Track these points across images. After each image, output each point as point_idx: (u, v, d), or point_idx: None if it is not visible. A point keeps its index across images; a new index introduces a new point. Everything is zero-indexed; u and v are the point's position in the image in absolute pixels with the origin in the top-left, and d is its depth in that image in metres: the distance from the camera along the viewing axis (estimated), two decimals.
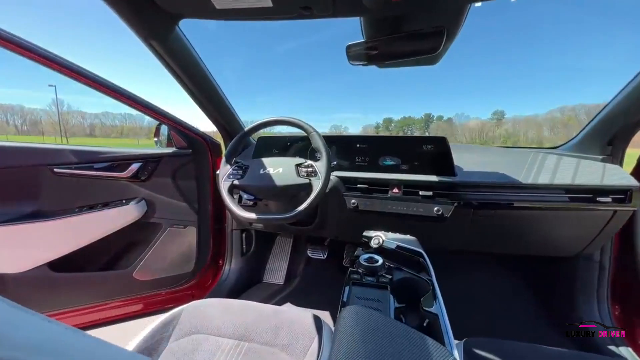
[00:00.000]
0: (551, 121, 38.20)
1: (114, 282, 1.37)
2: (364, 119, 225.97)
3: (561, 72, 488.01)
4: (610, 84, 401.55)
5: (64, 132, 46.26)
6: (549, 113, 44.43)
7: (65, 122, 50.21)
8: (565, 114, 36.24)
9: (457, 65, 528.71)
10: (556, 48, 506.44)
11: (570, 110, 36.95)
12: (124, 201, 1.33)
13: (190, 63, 1.05)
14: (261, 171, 1.01)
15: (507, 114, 56.28)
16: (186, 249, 1.52)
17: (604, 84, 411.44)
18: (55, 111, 51.44)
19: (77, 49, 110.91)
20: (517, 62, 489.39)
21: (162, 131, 1.53)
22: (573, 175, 1.01)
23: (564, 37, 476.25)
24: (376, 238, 0.96)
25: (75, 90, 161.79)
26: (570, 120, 32.89)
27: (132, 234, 1.37)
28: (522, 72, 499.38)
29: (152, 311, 1.50)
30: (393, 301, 0.71)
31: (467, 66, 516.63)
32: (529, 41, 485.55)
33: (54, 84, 53.69)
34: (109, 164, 1.30)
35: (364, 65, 0.91)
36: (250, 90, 32.58)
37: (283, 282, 1.72)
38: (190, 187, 1.47)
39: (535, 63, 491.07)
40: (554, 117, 39.01)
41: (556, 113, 40.08)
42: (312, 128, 1.01)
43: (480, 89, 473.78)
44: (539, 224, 1.09)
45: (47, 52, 0.90)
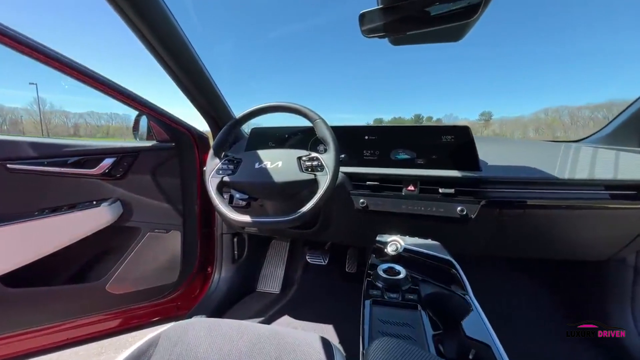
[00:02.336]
0: (536, 122, 39.10)
1: (82, 297, 1.18)
2: (354, 119, 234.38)
3: (545, 75, 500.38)
4: (590, 86, 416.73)
5: (46, 132, 44.53)
6: (534, 114, 45.66)
7: (48, 122, 48.11)
8: (549, 115, 37.14)
9: (446, 68, 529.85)
10: (540, 52, 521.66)
11: (553, 112, 37.95)
12: (94, 202, 1.14)
13: (172, 36, 0.88)
14: (256, 165, 0.85)
15: (495, 115, 57.57)
16: (169, 257, 1.34)
17: (585, 87, 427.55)
18: (37, 110, 49.28)
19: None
20: (504, 66, 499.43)
21: (141, 123, 1.35)
22: (614, 169, 0.89)
23: (547, 42, 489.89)
24: (393, 243, 0.82)
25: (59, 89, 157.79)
26: (554, 121, 33.71)
27: (105, 240, 1.19)
28: (509, 75, 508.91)
29: (131, 327, 1.32)
30: (428, 325, 0.56)
31: (456, 69, 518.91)
32: (516, 45, 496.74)
33: (35, 82, 51.55)
34: (77, 159, 1.12)
35: (380, 37, 0.77)
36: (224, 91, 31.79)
37: (279, 291, 1.56)
38: (173, 186, 1.29)
39: (521, 66, 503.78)
40: (538, 118, 40.01)
41: (541, 114, 41.20)
42: (316, 114, 0.86)
43: (468, 91, 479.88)
44: (572, 225, 0.97)
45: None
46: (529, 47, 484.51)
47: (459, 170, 0.96)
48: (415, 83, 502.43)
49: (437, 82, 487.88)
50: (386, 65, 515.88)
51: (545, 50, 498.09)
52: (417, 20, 0.70)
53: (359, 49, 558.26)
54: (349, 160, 1.08)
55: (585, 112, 27.81)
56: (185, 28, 0.93)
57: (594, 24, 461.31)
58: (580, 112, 29.29)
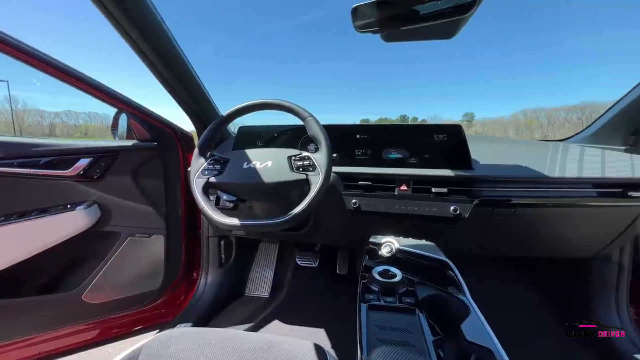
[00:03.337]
0: (516, 123, 40.59)
1: (56, 308, 1.10)
2: (340, 119, 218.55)
3: (523, 78, 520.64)
4: (565, 89, 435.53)
5: (19, 132, 41.72)
6: (513, 115, 47.49)
7: (21, 121, 45.05)
8: (528, 116, 38.71)
9: (430, 69, 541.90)
10: (519, 54, 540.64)
11: (532, 113, 39.62)
12: (68, 206, 1.07)
13: (153, 28, 0.83)
14: (245, 165, 0.81)
15: (477, 116, 59.34)
16: (152, 262, 1.27)
17: (560, 89, 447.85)
18: (9, 109, 45.92)
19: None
20: (485, 67, 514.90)
21: (120, 121, 1.28)
22: (601, 167, 0.90)
23: (526, 44, 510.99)
24: (387, 245, 0.79)
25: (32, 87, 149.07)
26: (532, 122, 35.15)
27: (81, 246, 1.11)
28: (490, 77, 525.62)
29: (111, 337, 1.24)
30: (427, 330, 0.54)
31: (439, 70, 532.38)
32: (496, 48, 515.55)
33: (6, 80, 47.78)
34: (49, 159, 1.04)
35: (373, 32, 0.74)
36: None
37: (268, 295, 1.51)
38: (156, 188, 1.23)
39: (501, 68, 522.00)
40: (517, 119, 41.55)
41: (520, 115, 42.82)
42: (307, 112, 0.83)
43: (451, 93, 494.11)
44: (561, 223, 0.98)
45: None
46: (509, 49, 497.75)
47: (452, 169, 0.95)
48: (400, 84, 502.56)
49: (421, 83, 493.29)
50: (373, 65, 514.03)
51: (524, 52, 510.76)
52: (410, 14, 0.68)
53: (346, 49, 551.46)
54: (340, 159, 1.05)
55: (561, 113, 29.10)
56: (168, 20, 0.87)
57: (568, 28, 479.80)
58: (557, 113, 30.60)
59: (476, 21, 0.73)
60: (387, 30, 0.73)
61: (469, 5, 0.64)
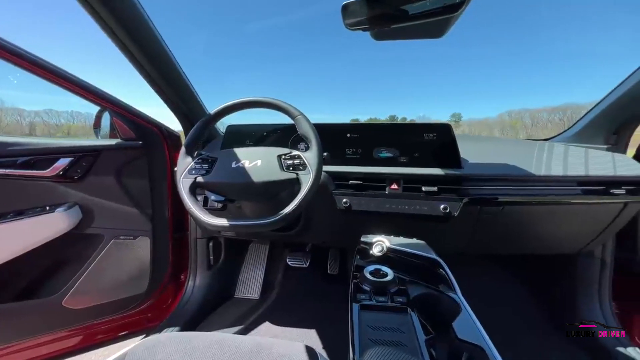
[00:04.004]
0: (501, 123, 41.80)
1: (34, 314, 1.05)
2: (331, 119, 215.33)
3: (509, 79, 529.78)
4: (548, 90, 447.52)
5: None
6: (499, 116, 48.88)
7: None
8: (513, 117, 39.93)
9: (420, 71, 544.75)
10: (504, 55, 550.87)
11: (516, 114, 40.85)
12: (47, 208, 1.02)
13: (141, 28, 0.80)
14: (233, 165, 0.79)
15: (464, 116, 60.61)
16: (137, 265, 1.23)
17: (543, 90, 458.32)
18: None
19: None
20: (472, 69, 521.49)
21: (103, 119, 1.24)
22: (585, 166, 0.93)
23: (511, 46, 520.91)
24: (378, 244, 0.79)
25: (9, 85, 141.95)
26: (516, 123, 36.26)
27: (62, 249, 1.07)
28: (477, 78, 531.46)
29: (95, 344, 1.20)
30: (420, 329, 0.54)
31: (429, 71, 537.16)
32: (483, 49, 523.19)
33: None
34: (26, 159, 0.99)
35: (364, 29, 0.74)
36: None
37: (259, 296, 1.49)
38: (141, 188, 1.19)
39: (488, 69, 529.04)
40: (503, 120, 42.80)
41: (505, 116, 44.10)
42: (298, 110, 0.82)
43: (439, 93, 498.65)
44: (546, 220, 1.00)
45: None
46: (496, 50, 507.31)
47: (441, 168, 0.95)
48: (390, 84, 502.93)
49: (409, 84, 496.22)
50: (362, 65, 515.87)
51: (510, 54, 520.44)
52: (399, 13, 0.68)
53: (336, 49, 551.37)
54: (331, 158, 1.04)
55: (544, 114, 30.02)
56: (155, 17, 0.85)
57: (552, 31, 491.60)
58: (540, 114, 31.52)
59: (464, 22, 0.73)
60: (377, 28, 0.73)
61: (457, 5, 0.65)
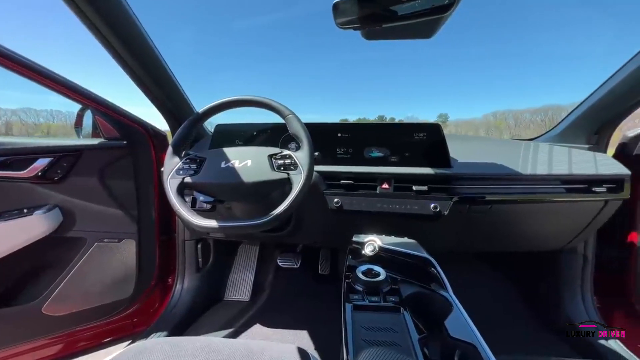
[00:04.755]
0: (486, 124, 42.80)
1: (11, 323, 1.00)
2: (320, 119, 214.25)
3: (494, 81, 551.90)
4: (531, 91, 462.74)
5: None
6: (484, 117, 49.97)
7: None
8: (498, 118, 40.98)
9: (408, 71, 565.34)
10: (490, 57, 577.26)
11: (501, 115, 41.95)
12: (25, 210, 0.97)
13: (126, 24, 0.78)
14: (223, 165, 0.78)
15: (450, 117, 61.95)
16: (123, 269, 1.19)
17: (526, 92, 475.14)
18: None
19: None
20: (459, 70, 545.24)
21: (85, 118, 1.19)
22: (569, 165, 0.95)
23: (496, 48, 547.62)
24: (370, 244, 0.79)
25: None
26: (500, 123, 37.38)
27: (41, 254, 1.02)
28: (464, 80, 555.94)
29: (78, 351, 1.15)
30: (413, 329, 0.54)
31: (417, 72, 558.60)
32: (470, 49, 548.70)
33: None
34: (2, 159, 0.94)
35: (354, 28, 0.73)
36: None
37: (249, 298, 1.47)
38: (126, 189, 1.15)
39: (475, 71, 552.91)
40: (488, 120, 43.75)
41: (490, 117, 45.11)
42: (288, 110, 0.81)
43: (426, 94, 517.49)
44: (532, 218, 1.03)
45: None
46: (483, 51, 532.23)
47: (431, 167, 0.96)
48: (378, 85, 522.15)
49: (398, 85, 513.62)
50: (352, 66, 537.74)
51: (495, 56, 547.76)
52: (389, 13, 0.68)
53: (325, 50, 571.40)
54: (322, 158, 1.04)
55: (527, 115, 30.98)
56: (140, 14, 0.82)
57: (536, 34, 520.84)
58: (523, 115, 32.55)
59: (452, 24, 0.73)
60: (368, 27, 0.73)
61: (446, 7, 0.65)
